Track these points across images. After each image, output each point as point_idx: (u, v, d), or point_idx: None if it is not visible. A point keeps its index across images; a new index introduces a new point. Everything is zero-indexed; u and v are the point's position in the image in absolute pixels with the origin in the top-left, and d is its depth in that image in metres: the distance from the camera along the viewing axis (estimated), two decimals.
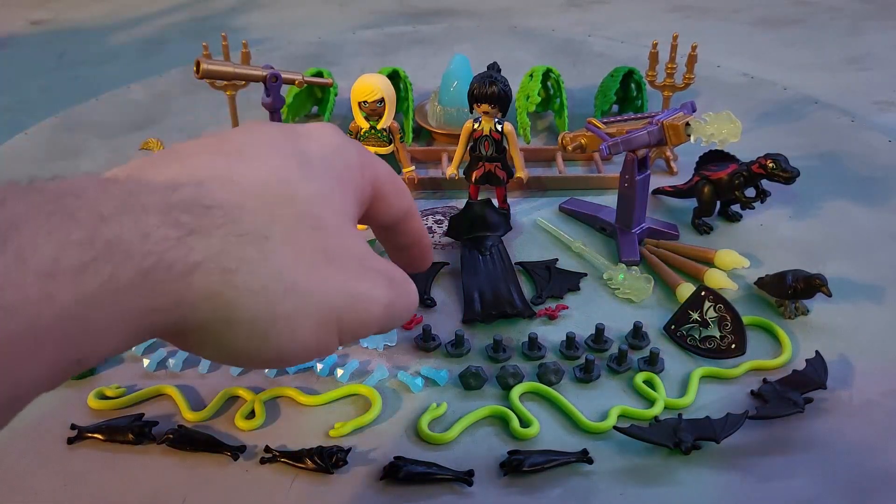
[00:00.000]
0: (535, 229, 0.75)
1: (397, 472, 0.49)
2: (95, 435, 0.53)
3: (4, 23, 1.60)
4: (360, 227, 0.42)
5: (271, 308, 0.27)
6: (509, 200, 0.76)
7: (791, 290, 0.62)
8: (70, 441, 0.53)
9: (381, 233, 0.37)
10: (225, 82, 0.80)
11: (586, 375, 0.57)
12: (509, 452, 0.51)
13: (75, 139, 0.93)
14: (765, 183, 0.71)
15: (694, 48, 0.80)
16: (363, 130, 0.72)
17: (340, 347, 0.31)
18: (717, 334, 0.60)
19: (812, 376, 0.56)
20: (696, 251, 0.69)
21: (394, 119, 0.72)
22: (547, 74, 0.91)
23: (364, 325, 0.30)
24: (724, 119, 0.65)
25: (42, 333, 0.22)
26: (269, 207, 0.28)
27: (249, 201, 0.27)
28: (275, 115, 0.74)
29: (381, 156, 0.73)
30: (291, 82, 0.74)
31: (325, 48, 1.19)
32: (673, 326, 0.62)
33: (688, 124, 0.65)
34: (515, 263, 0.69)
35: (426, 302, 0.65)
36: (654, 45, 0.82)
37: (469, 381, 0.57)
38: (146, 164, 0.28)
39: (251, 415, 0.55)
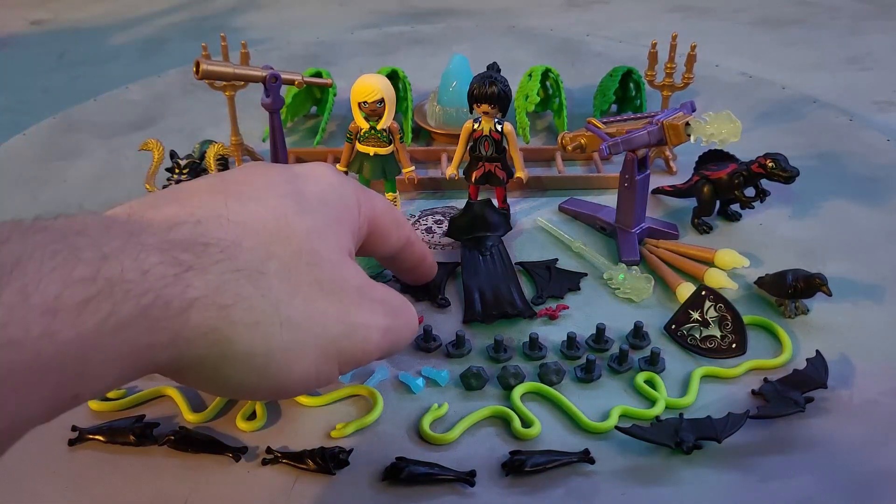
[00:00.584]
0: (535, 229, 0.75)
1: (399, 473, 0.49)
2: (96, 436, 0.53)
3: (4, 23, 1.59)
4: None
5: (268, 342, 0.27)
6: (509, 200, 0.76)
7: (791, 290, 0.62)
8: (71, 443, 0.53)
9: (385, 261, 0.38)
10: (224, 83, 0.80)
11: (587, 375, 0.57)
12: (511, 453, 0.51)
13: (74, 140, 0.93)
14: (764, 182, 0.71)
15: (693, 48, 0.80)
16: (363, 131, 0.72)
17: (341, 377, 0.32)
18: (718, 334, 0.60)
19: (813, 375, 0.56)
20: (696, 251, 0.69)
21: (393, 119, 0.72)
22: (546, 74, 0.91)
23: (364, 352, 0.31)
24: (723, 119, 0.65)
25: (42, 369, 0.22)
26: (265, 244, 0.28)
27: (246, 239, 0.28)
28: (275, 116, 0.74)
29: (381, 156, 0.73)
30: (291, 83, 0.74)
31: (324, 48, 1.19)
32: (673, 326, 0.62)
33: (688, 124, 0.65)
34: (515, 263, 0.69)
35: (440, 302, 0.65)
36: (654, 45, 0.82)
37: (470, 382, 0.57)
38: (146, 204, 0.29)
39: (252, 416, 0.55)
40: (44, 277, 0.23)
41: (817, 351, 0.58)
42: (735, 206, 0.75)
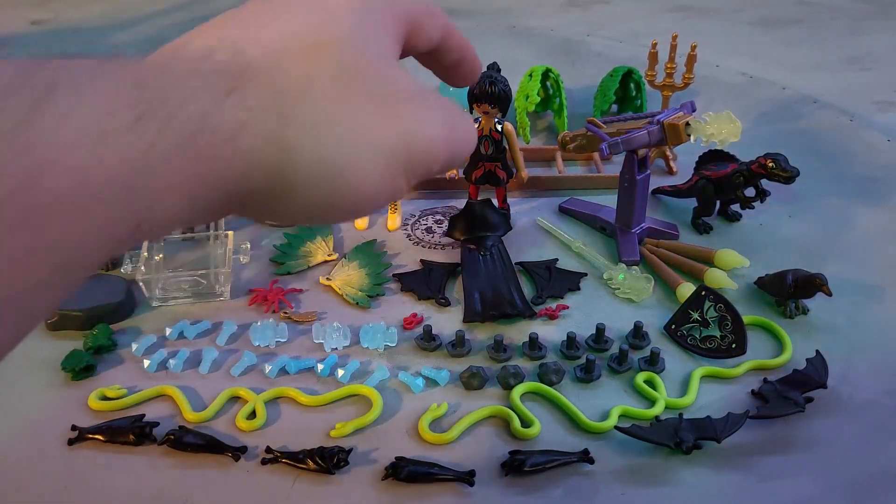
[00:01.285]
0: (535, 229, 0.75)
1: (399, 473, 0.49)
2: (96, 436, 0.53)
3: (4, 23, 1.59)
4: None
5: (332, 151, 0.26)
6: (509, 200, 0.76)
7: (791, 290, 0.62)
8: (71, 442, 0.53)
9: (425, 59, 0.37)
10: None
11: (587, 375, 0.57)
12: (510, 452, 0.51)
13: None
14: (764, 182, 0.71)
15: (693, 48, 0.80)
16: None
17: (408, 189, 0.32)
18: (718, 334, 0.60)
19: (812, 375, 0.56)
20: (696, 251, 0.69)
21: None
22: (546, 74, 0.91)
23: (430, 156, 0.29)
24: (723, 119, 0.65)
25: (93, 194, 0.22)
26: (304, 60, 0.27)
27: (283, 60, 0.27)
28: None
29: None
30: None
31: None
32: (673, 326, 0.62)
33: (688, 124, 0.65)
34: (515, 263, 0.69)
35: (440, 301, 0.65)
36: (654, 45, 0.82)
37: (470, 381, 0.57)
38: (180, 40, 0.28)
39: (252, 415, 0.55)
40: (83, 100, 0.22)
41: (817, 351, 0.58)
42: (735, 206, 0.75)
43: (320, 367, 0.58)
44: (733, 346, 0.59)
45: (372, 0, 0.31)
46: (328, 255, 0.71)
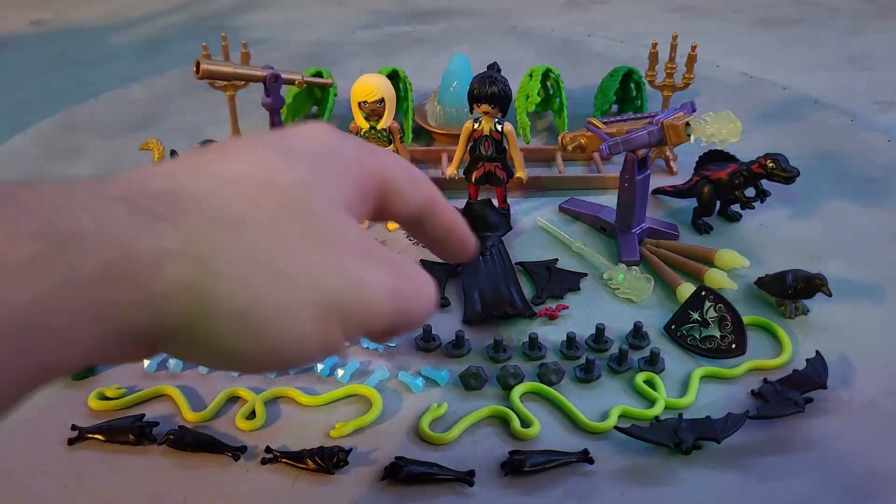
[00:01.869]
0: (535, 229, 0.75)
1: (398, 473, 0.49)
2: (96, 436, 0.53)
3: (4, 23, 1.59)
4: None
5: (256, 297, 0.24)
6: (509, 200, 0.76)
7: (791, 290, 0.62)
8: (70, 442, 0.53)
9: (411, 228, 0.35)
10: (225, 82, 0.80)
11: (587, 375, 0.57)
12: (510, 452, 0.51)
13: (74, 139, 0.93)
14: (765, 183, 0.71)
15: (693, 48, 0.80)
16: (363, 130, 0.72)
17: (348, 345, 0.29)
18: (718, 334, 0.60)
19: (812, 376, 0.56)
20: (696, 251, 0.69)
21: (393, 119, 0.72)
22: (546, 74, 0.91)
23: (369, 314, 0.27)
24: (724, 119, 0.65)
25: None
26: (247, 195, 0.26)
27: (225, 190, 0.25)
28: (275, 116, 0.74)
29: None
30: (291, 82, 0.74)
31: (325, 48, 1.19)
32: (673, 326, 0.62)
33: (688, 124, 0.65)
34: (515, 263, 0.69)
35: (441, 302, 0.65)
36: (654, 45, 0.82)
37: (470, 382, 0.57)
38: (122, 173, 0.27)
39: (252, 415, 0.55)
40: None
41: (817, 351, 0.58)
42: (735, 207, 0.75)
43: (320, 366, 0.58)
44: (733, 346, 0.59)
45: (341, 149, 0.30)
46: None
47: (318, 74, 0.91)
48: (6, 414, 0.23)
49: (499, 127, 0.71)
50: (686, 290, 0.64)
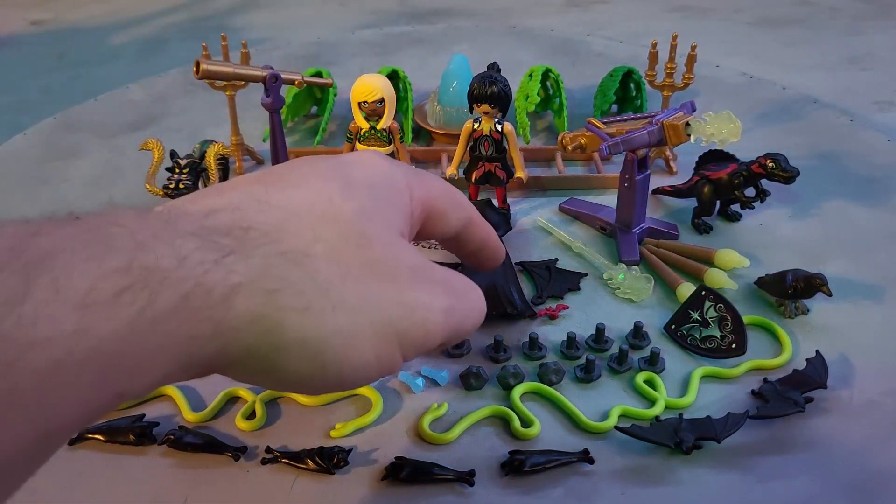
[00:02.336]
0: (535, 229, 0.75)
1: (398, 473, 0.49)
2: (96, 436, 0.53)
3: (4, 23, 1.59)
4: None
5: (321, 327, 0.26)
6: (509, 200, 0.76)
7: (791, 290, 0.62)
8: (71, 442, 0.53)
9: (446, 243, 0.37)
10: (224, 83, 0.80)
11: (587, 375, 0.57)
12: (510, 452, 0.51)
13: (74, 139, 0.93)
14: (764, 182, 0.71)
15: (693, 48, 0.80)
16: (363, 131, 0.72)
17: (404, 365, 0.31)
18: (718, 334, 0.60)
19: (812, 376, 0.56)
20: (696, 251, 0.69)
21: (393, 119, 0.72)
22: (546, 74, 0.91)
23: (426, 334, 0.28)
24: (724, 119, 0.65)
25: (77, 367, 0.21)
26: (310, 226, 0.27)
27: (289, 222, 0.27)
28: (275, 116, 0.74)
29: None
30: (291, 82, 0.74)
31: (325, 48, 1.19)
32: (673, 326, 0.62)
33: (688, 124, 0.65)
34: (515, 263, 0.69)
35: None
36: (654, 45, 0.82)
37: (470, 382, 0.57)
38: (185, 199, 0.28)
39: (252, 415, 0.55)
40: (75, 269, 0.22)
41: (817, 351, 0.58)
42: (735, 206, 0.75)
43: None
44: (733, 346, 0.59)
45: (394, 178, 0.31)
46: None
47: (318, 74, 0.91)
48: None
49: (499, 127, 0.71)
50: (686, 290, 0.64)
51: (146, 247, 0.23)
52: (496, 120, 0.71)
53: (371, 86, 0.70)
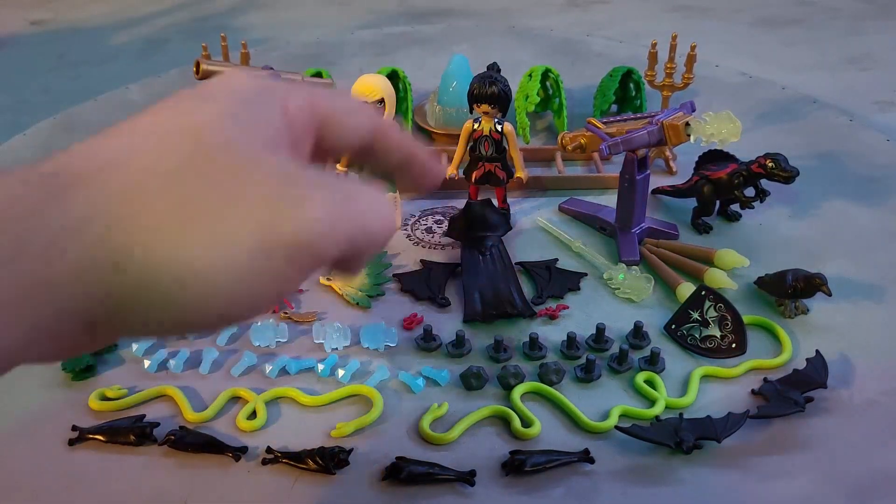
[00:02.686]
0: (535, 229, 0.75)
1: (399, 473, 0.49)
2: (97, 436, 0.53)
3: (4, 23, 1.59)
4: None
5: (185, 245, 0.23)
6: (509, 200, 0.76)
7: (791, 290, 0.62)
8: (71, 442, 0.53)
9: (366, 162, 0.33)
10: None
11: (587, 375, 0.57)
12: (511, 452, 0.51)
13: (74, 140, 0.92)
14: (764, 182, 0.71)
15: (693, 48, 0.80)
16: None
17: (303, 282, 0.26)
18: (718, 334, 0.60)
19: (812, 375, 0.56)
20: (696, 251, 0.69)
21: (393, 119, 0.72)
22: (546, 74, 0.91)
23: (313, 240, 0.24)
24: (723, 119, 0.65)
25: None
26: (159, 142, 0.24)
27: (137, 142, 0.24)
28: None
29: None
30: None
31: (324, 48, 1.19)
32: (673, 326, 0.62)
33: (688, 124, 0.65)
34: (515, 263, 0.69)
35: (440, 301, 0.65)
36: (654, 45, 0.82)
37: (470, 382, 0.57)
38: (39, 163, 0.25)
39: (253, 415, 0.55)
40: None
41: (817, 351, 0.58)
42: (735, 206, 0.75)
43: (321, 367, 0.58)
44: (733, 345, 0.59)
45: (263, 89, 0.28)
46: None
47: (318, 74, 0.91)
48: None
49: (498, 127, 0.71)
50: (686, 289, 0.64)
51: None
52: (496, 120, 0.71)
53: (371, 86, 0.70)
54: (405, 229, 0.75)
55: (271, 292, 0.24)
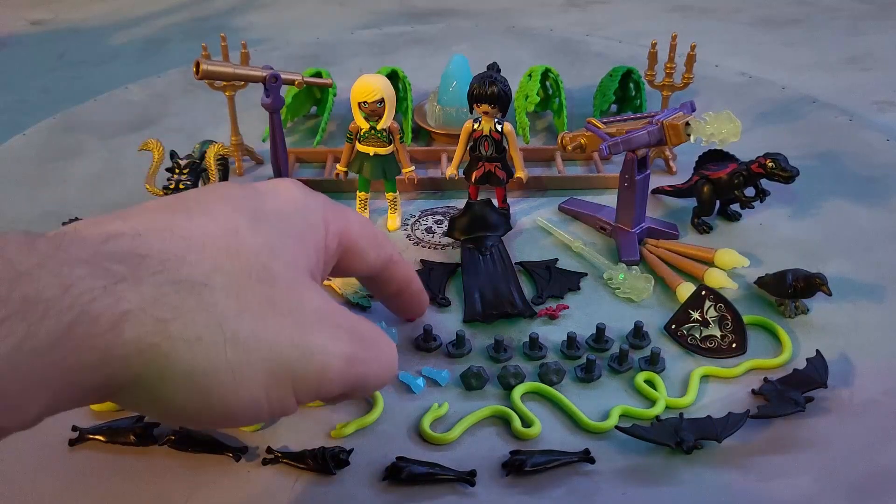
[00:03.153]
0: (535, 229, 0.75)
1: (399, 473, 0.49)
2: (97, 437, 0.53)
3: (4, 23, 1.59)
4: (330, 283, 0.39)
5: (211, 360, 0.25)
6: (509, 200, 0.76)
7: (791, 290, 0.62)
8: (71, 443, 0.53)
9: (367, 283, 0.36)
10: (224, 83, 0.80)
11: (587, 375, 0.57)
12: (511, 452, 0.51)
13: (74, 140, 0.93)
14: (764, 182, 0.71)
15: (693, 48, 0.80)
16: (363, 131, 0.72)
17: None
18: (718, 333, 0.60)
19: (813, 375, 0.56)
20: (696, 251, 0.69)
21: (393, 119, 0.72)
22: (545, 74, 0.91)
23: (323, 381, 0.27)
24: (723, 118, 0.65)
25: None
26: (211, 257, 0.26)
27: (191, 252, 0.26)
28: (274, 116, 0.74)
29: (381, 156, 0.73)
30: (291, 83, 0.74)
31: (324, 48, 1.19)
32: (673, 326, 0.62)
33: (688, 124, 0.65)
34: (515, 263, 0.69)
35: (440, 301, 0.65)
36: (653, 45, 0.82)
37: (470, 382, 0.57)
38: (88, 222, 0.27)
39: None
40: None
41: (817, 351, 0.58)
42: (735, 206, 0.75)
43: None
44: (733, 345, 0.59)
45: (308, 211, 0.30)
46: None
47: (318, 74, 0.91)
48: None
49: (498, 127, 0.71)
50: (686, 289, 0.64)
51: (28, 276, 0.22)
52: (496, 120, 0.71)
53: (371, 86, 0.70)
54: (405, 229, 0.75)
55: (270, 410, 0.27)
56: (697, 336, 0.60)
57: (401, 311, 0.37)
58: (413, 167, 0.75)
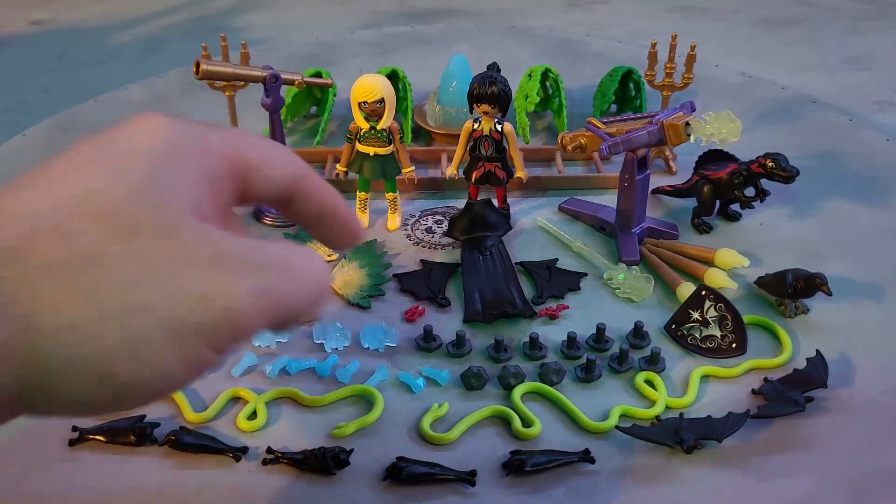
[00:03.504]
0: (535, 229, 0.75)
1: (400, 473, 0.49)
2: (97, 436, 0.53)
3: (4, 23, 1.59)
4: None
5: (95, 344, 0.22)
6: (509, 200, 0.76)
7: (791, 289, 0.62)
8: (71, 443, 0.53)
9: (285, 210, 0.31)
10: (224, 83, 0.80)
11: (587, 375, 0.57)
12: (511, 452, 0.51)
13: (74, 140, 0.93)
14: (764, 182, 0.71)
15: (693, 48, 0.80)
16: (363, 131, 0.72)
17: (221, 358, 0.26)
18: (718, 333, 0.60)
19: (813, 375, 0.56)
20: (696, 251, 0.69)
21: (393, 119, 0.72)
22: (545, 74, 0.91)
23: (233, 325, 0.24)
24: (723, 118, 0.65)
25: None
26: (67, 228, 0.23)
27: (37, 231, 0.23)
28: (274, 116, 0.74)
29: (381, 156, 0.73)
30: (291, 83, 0.74)
31: (324, 48, 1.19)
32: (673, 326, 0.62)
33: (688, 124, 0.65)
34: (515, 263, 0.69)
35: (440, 301, 0.65)
36: (653, 45, 0.82)
37: (471, 382, 0.57)
38: None
39: (253, 416, 0.55)
40: None
41: (817, 350, 0.58)
42: (735, 206, 0.75)
43: (321, 367, 0.58)
44: (733, 345, 0.59)
45: (179, 139, 0.27)
46: (328, 256, 0.71)
47: (318, 74, 0.91)
48: None
49: (498, 127, 0.71)
50: (686, 289, 0.64)
51: None
52: (496, 120, 0.71)
53: (371, 86, 0.70)
54: (405, 229, 0.75)
55: (187, 371, 0.24)
56: (697, 336, 0.60)
57: (331, 241, 0.32)
58: (413, 167, 0.75)
